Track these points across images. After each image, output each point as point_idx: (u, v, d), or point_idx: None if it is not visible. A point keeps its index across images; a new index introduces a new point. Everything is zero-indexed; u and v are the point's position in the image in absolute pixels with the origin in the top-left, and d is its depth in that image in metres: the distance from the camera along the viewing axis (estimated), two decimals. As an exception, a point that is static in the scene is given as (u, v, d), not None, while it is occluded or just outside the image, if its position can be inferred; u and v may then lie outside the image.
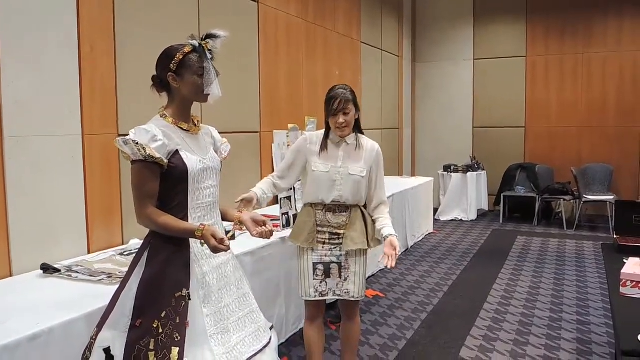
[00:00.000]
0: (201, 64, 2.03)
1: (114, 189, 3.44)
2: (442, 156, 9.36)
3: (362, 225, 2.93)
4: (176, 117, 2.08)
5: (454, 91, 9.53)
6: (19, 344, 1.97)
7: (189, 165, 2.01)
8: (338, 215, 2.90)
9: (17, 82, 2.84)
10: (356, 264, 2.93)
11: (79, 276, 2.69)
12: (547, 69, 8.92)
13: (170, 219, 1.98)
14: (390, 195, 5.91)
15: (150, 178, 1.97)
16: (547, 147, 8.91)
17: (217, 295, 2.07)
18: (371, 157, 2.96)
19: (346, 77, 6.97)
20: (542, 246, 6.90)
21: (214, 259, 2.10)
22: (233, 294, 2.14)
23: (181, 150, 2.02)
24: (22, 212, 2.87)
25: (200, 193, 2.07)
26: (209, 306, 2.03)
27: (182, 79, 2.03)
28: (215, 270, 2.09)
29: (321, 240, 2.91)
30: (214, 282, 2.07)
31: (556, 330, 4.09)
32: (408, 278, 5.51)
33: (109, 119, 3.42)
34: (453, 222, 8.58)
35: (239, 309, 2.16)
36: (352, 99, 2.90)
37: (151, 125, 2.01)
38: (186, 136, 2.08)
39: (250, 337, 2.15)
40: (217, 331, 2.03)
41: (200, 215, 2.07)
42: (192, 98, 2.08)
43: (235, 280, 2.18)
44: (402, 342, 3.89)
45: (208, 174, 2.11)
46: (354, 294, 2.92)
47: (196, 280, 2.02)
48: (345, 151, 2.93)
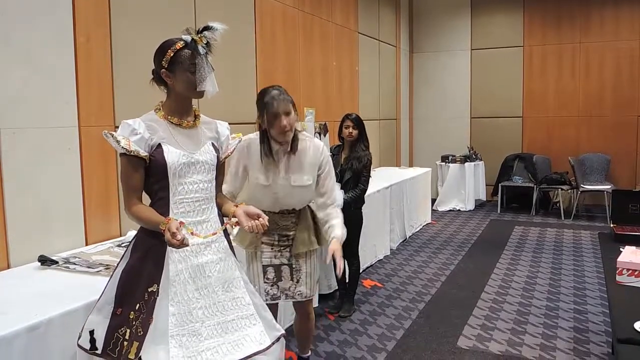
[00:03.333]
0: (193, 60, 1.99)
1: (110, 181, 3.44)
2: (439, 147, 9.36)
3: (311, 224, 2.84)
4: (170, 111, 2.08)
5: (452, 81, 9.52)
6: (17, 335, 1.97)
7: (169, 159, 2.00)
8: (286, 217, 2.78)
9: (13, 74, 2.83)
10: (307, 264, 2.84)
11: (77, 268, 2.69)
12: (545, 59, 8.91)
13: (143, 211, 1.98)
14: (388, 185, 5.92)
15: (133, 171, 2.01)
16: (545, 137, 8.92)
17: (192, 295, 2.00)
18: (316, 161, 2.74)
19: (343, 68, 6.96)
20: (539, 236, 6.92)
21: (195, 257, 2.02)
22: (215, 297, 2.04)
23: (164, 144, 2.02)
24: (19, 204, 2.87)
25: (183, 188, 2.03)
26: (178, 305, 1.97)
27: (175, 76, 2.02)
28: (194, 269, 2.01)
29: (269, 242, 2.79)
30: (189, 281, 2.00)
31: (553, 319, 4.11)
32: (406, 268, 5.53)
33: (106, 111, 3.41)
34: (451, 212, 8.59)
35: (221, 313, 2.04)
36: (290, 101, 2.66)
37: (136, 119, 2.04)
38: (175, 130, 2.06)
39: (228, 345, 2.01)
40: (182, 332, 1.96)
41: (183, 211, 2.02)
42: (185, 94, 2.06)
43: (223, 282, 2.07)
44: (400, 332, 3.90)
45: (195, 169, 2.05)
46: (307, 294, 2.86)
47: (168, 277, 1.99)
48: (286, 161, 2.70)
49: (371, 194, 5.11)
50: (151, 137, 2.01)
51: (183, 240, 1.80)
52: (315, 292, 2.98)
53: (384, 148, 8.45)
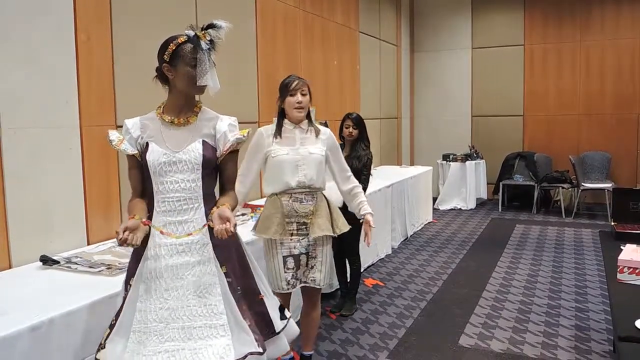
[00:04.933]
0: (194, 54, 1.99)
1: (112, 180, 3.44)
2: (441, 145, 9.35)
3: (327, 211, 2.95)
4: (167, 109, 2.10)
5: (453, 80, 9.51)
6: (19, 335, 1.98)
7: (150, 158, 2.03)
8: (305, 204, 2.88)
9: (13, 73, 2.83)
10: (322, 253, 2.94)
11: (79, 267, 2.70)
12: (545, 58, 8.90)
13: (129, 207, 2.08)
14: (389, 184, 5.92)
15: (129, 169, 2.13)
16: (546, 135, 8.91)
17: (160, 294, 1.98)
18: (326, 139, 2.99)
19: (344, 67, 6.96)
20: (540, 234, 6.92)
21: (171, 257, 2.00)
22: (185, 300, 1.98)
23: (151, 143, 2.05)
24: (20, 204, 2.88)
25: (165, 187, 2.03)
26: (145, 303, 1.98)
27: (176, 70, 2.03)
28: (168, 269, 1.99)
29: (290, 231, 2.88)
30: (159, 281, 1.99)
31: (554, 317, 4.11)
32: (407, 267, 5.53)
33: (107, 110, 3.41)
34: (452, 211, 8.59)
35: (188, 318, 1.98)
36: (308, 84, 2.96)
37: (136, 118, 2.12)
38: (165, 128, 2.07)
39: (187, 352, 1.94)
40: (144, 329, 1.95)
41: (165, 210, 2.03)
42: (185, 89, 2.06)
43: (197, 286, 2.00)
44: (402, 331, 3.90)
45: (177, 168, 2.03)
46: (319, 282, 2.94)
47: (141, 274, 2.02)
48: (302, 135, 2.94)
49: (372, 193, 5.11)
50: (141, 135, 2.07)
51: (126, 240, 1.83)
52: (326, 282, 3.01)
53: (385, 147, 8.45)
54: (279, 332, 2.27)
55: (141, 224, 1.94)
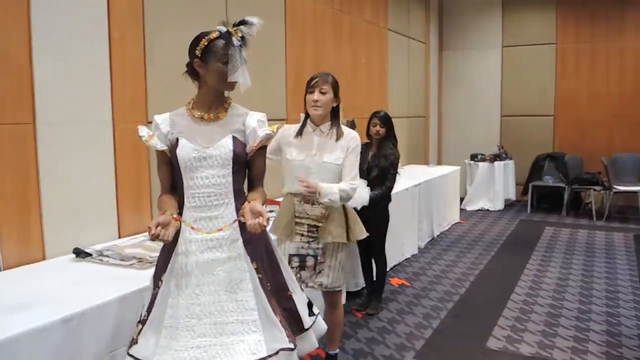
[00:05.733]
0: (226, 50, 1.99)
1: (142, 175, 3.48)
2: (469, 145, 9.24)
3: (342, 218, 2.84)
4: (197, 105, 2.11)
5: (482, 79, 9.40)
6: (52, 327, 2.01)
7: (180, 154, 2.03)
8: (316, 207, 2.77)
9: (49, 69, 2.88)
10: (332, 258, 2.84)
11: (110, 260, 2.73)
12: (578, 57, 8.74)
13: (159, 202, 2.08)
14: (416, 184, 5.88)
15: (159, 164, 2.13)
16: (577, 136, 8.74)
17: (192, 290, 1.98)
18: (346, 144, 2.83)
19: (373, 65, 6.93)
20: (570, 237, 6.79)
21: (202, 253, 2.00)
22: (217, 296, 1.99)
23: (181, 138, 2.06)
24: (54, 197, 2.93)
25: (195, 182, 2.03)
26: (177, 298, 1.99)
27: (207, 66, 2.03)
28: (199, 265, 2.00)
29: (299, 232, 2.82)
30: (191, 277, 1.99)
31: (585, 322, 4.04)
32: (434, 267, 5.48)
33: (138, 107, 3.45)
34: (479, 211, 8.49)
35: (220, 314, 1.98)
36: (331, 82, 2.84)
37: (166, 114, 2.13)
38: (195, 124, 2.08)
39: (219, 348, 1.94)
40: (176, 325, 1.96)
41: (195, 205, 2.03)
42: (216, 86, 2.06)
43: (228, 282, 2.01)
44: (429, 331, 3.87)
45: (208, 163, 2.02)
46: (327, 285, 2.85)
47: (172, 270, 2.03)
48: (320, 139, 2.83)
49: (400, 192, 5.08)
50: (170, 131, 2.08)
51: (158, 236, 1.84)
52: (342, 284, 2.94)
53: (412, 146, 8.39)
54: (307, 329, 2.26)
55: (172, 219, 1.94)
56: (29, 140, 2.81)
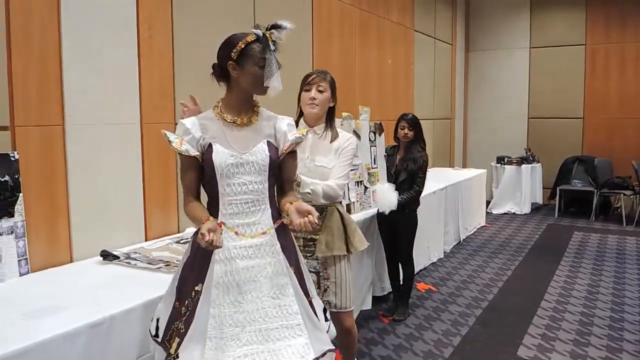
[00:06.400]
0: (263, 54, 1.95)
1: (170, 178, 3.46)
2: (495, 147, 9.11)
3: (340, 228, 2.64)
4: (227, 108, 2.05)
5: (509, 80, 9.26)
6: (80, 332, 1.99)
7: (216, 160, 1.96)
8: None
9: (78, 71, 2.87)
10: (336, 273, 2.63)
11: (138, 264, 2.71)
12: (608, 58, 8.56)
13: (192, 210, 1.99)
14: (443, 187, 5.80)
15: (186, 170, 2.02)
16: (607, 139, 8.56)
17: (234, 298, 1.93)
18: (338, 147, 2.65)
19: (399, 66, 6.85)
20: (600, 242, 6.64)
21: (242, 260, 1.95)
22: (260, 302, 1.94)
23: (214, 144, 1.99)
24: (82, 199, 2.91)
25: (232, 189, 1.97)
26: (219, 308, 1.92)
27: (242, 69, 1.98)
28: (240, 272, 1.94)
29: None
30: (232, 284, 1.93)
31: (618, 331, 3.92)
32: (461, 272, 5.39)
33: (167, 108, 3.43)
34: (506, 215, 8.36)
35: (264, 320, 1.93)
36: (329, 80, 2.68)
37: (193, 117, 2.05)
38: (228, 129, 2.02)
39: (267, 354, 1.90)
40: (220, 335, 1.90)
41: (232, 212, 1.97)
42: (250, 89, 2.02)
43: (270, 287, 1.96)
44: (457, 339, 3.79)
45: (245, 170, 1.97)
46: (337, 305, 2.63)
47: (212, 278, 1.95)
48: (313, 141, 2.65)
49: (426, 195, 5.00)
50: (202, 136, 2.00)
51: (212, 242, 1.76)
52: (352, 304, 2.69)
53: (438, 148, 8.28)
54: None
55: (217, 225, 1.88)
56: (57, 141, 2.80)
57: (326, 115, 2.71)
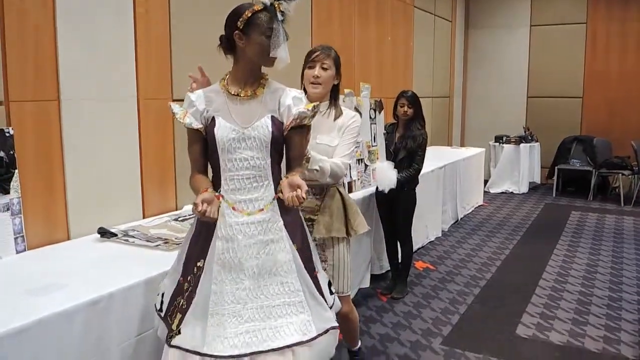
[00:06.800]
0: (270, 24, 1.89)
1: (167, 154, 3.42)
2: (493, 126, 9.05)
3: (340, 210, 2.56)
4: (232, 81, 2.01)
5: (509, 59, 9.17)
6: (79, 309, 1.96)
7: (218, 134, 1.94)
8: (312, 198, 2.50)
9: (73, 46, 2.80)
10: (334, 256, 2.56)
11: (136, 241, 2.68)
12: (609, 37, 8.48)
13: (194, 182, 2.00)
14: (442, 166, 5.77)
15: (191, 143, 2.03)
16: (606, 119, 8.51)
17: (236, 275, 1.91)
18: (343, 125, 2.56)
19: (398, 44, 6.77)
20: (598, 222, 6.64)
21: (244, 236, 1.92)
22: (261, 280, 1.92)
23: (217, 117, 1.96)
24: (78, 175, 2.87)
25: (233, 164, 1.95)
26: (221, 284, 1.91)
27: (249, 38, 1.93)
28: (243, 249, 1.92)
29: None
30: (234, 261, 1.92)
31: (616, 310, 3.93)
32: (459, 251, 5.39)
33: (164, 83, 3.37)
34: (503, 194, 8.35)
35: (266, 297, 1.92)
36: (334, 57, 2.56)
37: (199, 90, 2.03)
38: (232, 102, 1.98)
39: (269, 331, 1.89)
40: (222, 312, 1.89)
41: (234, 188, 1.95)
42: (256, 60, 1.97)
43: (273, 265, 1.94)
44: (456, 317, 3.80)
45: (246, 145, 1.93)
46: (336, 289, 2.46)
47: (213, 254, 1.94)
48: (316, 119, 2.48)
49: (425, 174, 4.96)
50: (206, 109, 1.98)
51: (205, 213, 1.76)
52: (350, 289, 2.65)
53: (436, 127, 8.23)
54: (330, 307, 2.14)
55: (215, 197, 1.87)
56: (53, 117, 2.75)
57: (330, 93, 2.62)
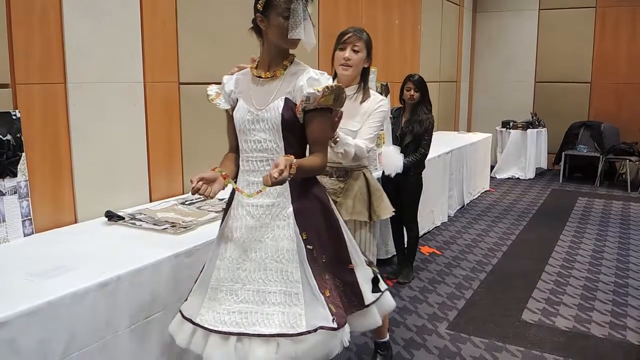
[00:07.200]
0: (288, 4, 1.84)
1: (174, 138, 3.41)
2: (500, 112, 9.00)
3: (364, 194, 2.58)
4: (260, 63, 2.02)
5: (517, 43, 9.08)
6: (88, 291, 1.97)
7: (236, 116, 1.99)
8: (333, 180, 2.57)
9: (79, 28, 2.78)
10: (356, 239, 2.50)
11: (143, 224, 2.68)
12: (618, 21, 8.37)
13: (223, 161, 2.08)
14: (448, 151, 5.75)
15: (227, 123, 2.11)
16: (614, 104, 8.44)
17: (239, 255, 1.94)
18: (367, 108, 2.55)
19: (405, 27, 6.71)
20: (604, 208, 6.62)
21: (252, 218, 1.94)
22: (263, 264, 1.92)
23: (240, 99, 2.00)
24: (86, 159, 2.86)
25: (249, 146, 1.96)
26: (224, 261, 1.95)
27: (268, 21, 1.90)
28: (250, 230, 1.94)
29: None
30: (239, 241, 1.94)
31: (622, 296, 3.92)
32: (465, 236, 5.38)
33: (170, 67, 3.35)
34: (510, 180, 8.32)
35: (264, 282, 1.90)
36: (365, 39, 2.55)
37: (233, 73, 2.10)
38: (254, 83, 1.99)
39: (259, 316, 1.88)
40: (220, 287, 1.93)
41: (249, 169, 1.97)
42: (277, 42, 1.93)
43: (275, 251, 1.92)
44: (462, 302, 3.80)
45: (260, 127, 1.93)
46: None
47: (224, 232, 2.02)
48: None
49: (431, 159, 4.95)
50: (234, 90, 2.04)
51: (198, 190, 1.78)
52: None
53: (443, 112, 8.18)
54: (368, 305, 2.08)
55: (220, 176, 1.87)
56: (60, 100, 2.73)
57: (360, 76, 2.59)
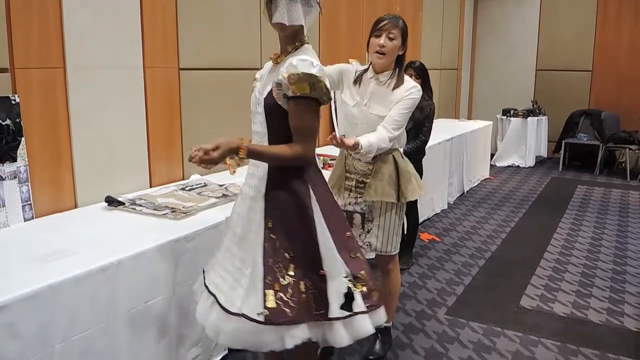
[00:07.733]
0: None
1: (174, 123, 3.41)
2: (501, 99, 8.99)
3: (392, 176, 2.62)
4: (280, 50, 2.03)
5: (518, 31, 9.04)
6: (88, 275, 1.99)
7: (251, 100, 2.07)
8: (363, 162, 2.63)
9: (79, 13, 2.77)
10: (381, 217, 2.66)
11: (143, 209, 2.69)
12: (620, 9, 8.33)
13: None
14: (449, 138, 5.74)
15: None
16: (615, 93, 8.42)
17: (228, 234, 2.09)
18: (400, 97, 2.55)
19: (407, 14, 6.67)
20: (604, 196, 6.62)
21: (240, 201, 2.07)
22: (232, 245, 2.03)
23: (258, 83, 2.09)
24: (85, 144, 2.87)
25: (253, 130, 2.06)
26: (227, 240, 2.08)
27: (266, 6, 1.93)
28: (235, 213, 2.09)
29: (347, 187, 2.70)
30: (238, 222, 2.04)
31: (620, 283, 3.94)
32: (464, 223, 5.39)
33: (170, 52, 3.34)
34: (510, 168, 8.32)
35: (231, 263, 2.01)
36: (401, 27, 2.56)
37: None
38: (269, 70, 2.06)
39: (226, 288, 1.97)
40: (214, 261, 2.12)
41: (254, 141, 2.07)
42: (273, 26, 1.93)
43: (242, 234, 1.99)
44: (460, 288, 3.82)
45: (257, 111, 1.99)
46: (377, 248, 2.67)
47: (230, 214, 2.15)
48: (375, 88, 2.58)
49: (432, 146, 4.95)
50: (262, 76, 2.08)
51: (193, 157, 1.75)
52: (396, 249, 2.72)
53: (443, 99, 8.17)
54: (331, 319, 1.88)
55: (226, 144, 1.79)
56: (59, 85, 2.73)
57: (395, 63, 2.61)
